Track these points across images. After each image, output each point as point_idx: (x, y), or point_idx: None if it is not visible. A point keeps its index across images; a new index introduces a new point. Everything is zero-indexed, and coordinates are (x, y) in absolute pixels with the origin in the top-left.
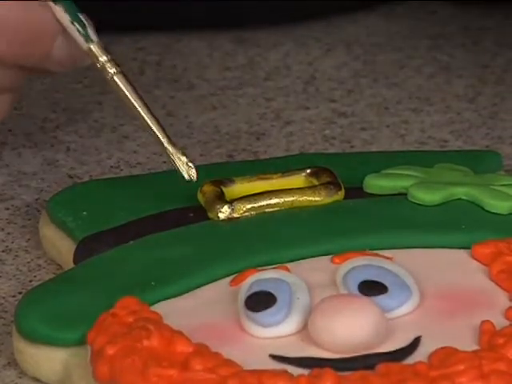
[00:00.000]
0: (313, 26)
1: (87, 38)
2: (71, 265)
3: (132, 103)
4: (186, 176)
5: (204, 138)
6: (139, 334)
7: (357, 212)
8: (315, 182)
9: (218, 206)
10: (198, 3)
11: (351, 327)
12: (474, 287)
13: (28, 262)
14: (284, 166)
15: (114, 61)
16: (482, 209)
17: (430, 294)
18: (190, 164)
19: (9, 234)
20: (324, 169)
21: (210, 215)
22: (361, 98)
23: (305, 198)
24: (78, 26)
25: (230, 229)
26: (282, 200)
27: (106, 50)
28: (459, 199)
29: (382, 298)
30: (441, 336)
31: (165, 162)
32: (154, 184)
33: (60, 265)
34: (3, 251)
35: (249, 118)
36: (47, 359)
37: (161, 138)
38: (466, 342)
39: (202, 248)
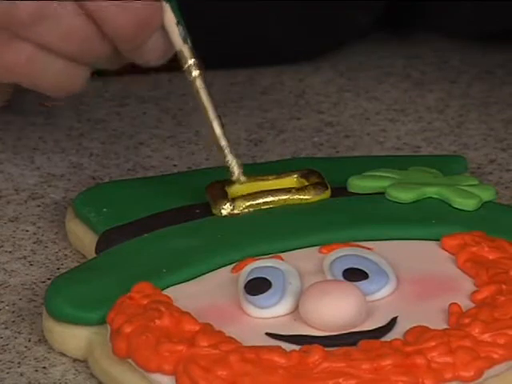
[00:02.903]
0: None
1: (185, 41)
2: (93, 255)
3: (204, 104)
4: (236, 174)
5: (209, 145)
6: (152, 314)
7: (341, 208)
8: (305, 183)
9: (221, 204)
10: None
11: (337, 308)
12: (444, 274)
13: (56, 252)
14: (278, 168)
15: (198, 65)
16: (450, 206)
17: (405, 279)
18: (239, 165)
19: (39, 227)
20: (313, 171)
21: (214, 211)
22: (345, 110)
23: (296, 196)
24: (181, 27)
25: (231, 223)
26: (277, 198)
27: (193, 54)
28: (430, 197)
29: (363, 283)
30: (415, 316)
31: (175, 166)
32: (166, 184)
33: (84, 254)
34: (34, 243)
35: (248, 127)
36: (72, 337)
37: (221, 139)
38: (437, 322)
39: (207, 240)
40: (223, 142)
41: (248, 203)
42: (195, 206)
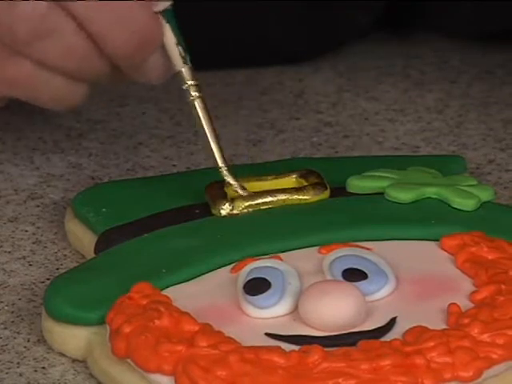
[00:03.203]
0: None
1: (185, 61)
2: (92, 255)
3: (203, 126)
4: (239, 191)
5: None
6: (152, 314)
7: (341, 209)
8: (304, 183)
9: (221, 204)
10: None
11: (336, 309)
12: (443, 274)
13: (55, 252)
14: (277, 168)
15: (198, 86)
16: (450, 206)
17: (405, 279)
18: (240, 184)
19: (39, 228)
20: (312, 171)
21: (213, 211)
22: (344, 110)
23: (295, 196)
24: (181, 48)
25: (230, 223)
26: (276, 198)
27: (194, 75)
28: (429, 198)
29: (362, 284)
30: (414, 316)
31: (174, 166)
32: (165, 185)
33: (83, 255)
34: (34, 243)
35: (247, 128)
36: (72, 337)
37: (218, 160)
38: (436, 322)
39: (206, 240)
40: (221, 164)
41: (247, 203)
42: (194, 206)
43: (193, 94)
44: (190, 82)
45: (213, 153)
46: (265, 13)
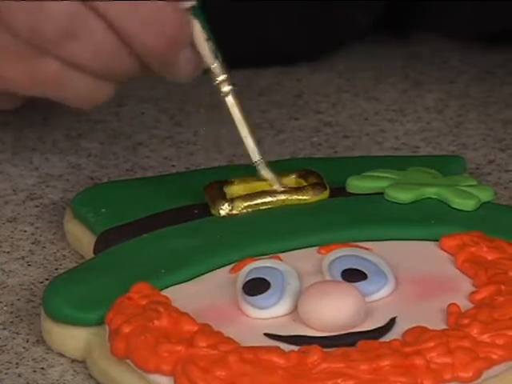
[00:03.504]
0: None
1: (216, 56)
2: (91, 255)
3: (236, 120)
4: (276, 186)
5: (207, 145)
6: (151, 314)
7: (340, 209)
8: (304, 183)
9: (220, 204)
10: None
11: (335, 309)
12: (443, 274)
13: (54, 253)
14: (277, 168)
15: (229, 80)
16: (449, 206)
17: (404, 280)
18: (276, 177)
19: (37, 228)
20: (311, 171)
21: (213, 212)
22: (343, 110)
23: (295, 196)
24: (211, 43)
25: (229, 224)
26: (275, 199)
27: (224, 70)
28: (429, 198)
29: (362, 284)
30: (413, 317)
31: (173, 166)
32: (164, 185)
33: (82, 255)
34: (33, 243)
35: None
36: (71, 337)
37: (253, 154)
38: (436, 322)
39: (206, 240)
40: (256, 158)
41: (246, 203)
42: (194, 207)
43: (225, 88)
44: (221, 77)
45: (247, 147)
46: (265, 13)
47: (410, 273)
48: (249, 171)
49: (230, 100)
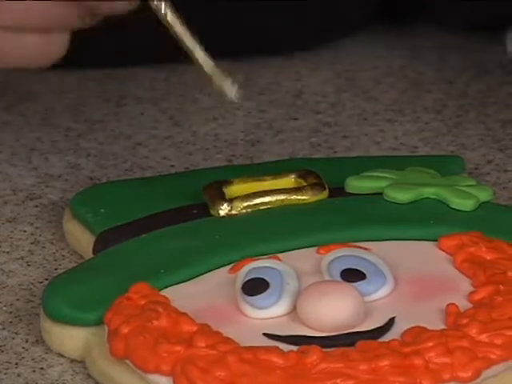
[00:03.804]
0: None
1: None
2: (91, 255)
3: (179, 33)
4: (231, 95)
5: (206, 145)
6: (150, 315)
7: (339, 209)
8: (303, 183)
9: (219, 204)
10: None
11: (334, 309)
12: (441, 274)
13: (53, 253)
14: (276, 169)
15: None
16: (448, 206)
17: (403, 280)
18: (234, 84)
19: (37, 228)
20: (311, 171)
21: (212, 212)
22: (343, 110)
23: (294, 197)
24: None
25: (229, 224)
26: (274, 199)
27: None
28: (428, 198)
29: (361, 284)
30: (412, 317)
31: (172, 166)
32: (163, 185)
33: (81, 255)
34: (32, 243)
35: (245, 128)
36: (70, 337)
37: (206, 65)
38: (435, 322)
39: (205, 240)
40: (209, 68)
41: (246, 204)
42: (193, 207)
43: (161, 3)
44: None
45: (198, 59)
46: (263, 7)
47: (408, 273)
48: (248, 171)
49: (169, 14)
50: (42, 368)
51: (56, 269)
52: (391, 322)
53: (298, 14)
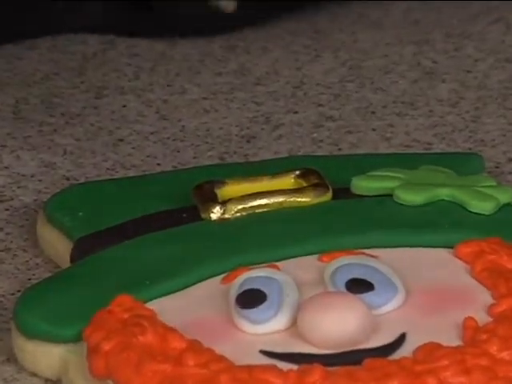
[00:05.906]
0: (301, 33)
1: None
2: (68, 264)
3: None
4: (229, 6)
5: (196, 141)
6: (134, 330)
7: (344, 212)
8: (304, 184)
9: (210, 207)
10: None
11: (339, 324)
12: (458, 285)
13: (26, 261)
14: (274, 167)
15: None
16: (465, 209)
17: (415, 291)
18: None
19: (8, 233)
20: (312, 171)
21: (203, 216)
22: (347, 103)
23: (294, 198)
24: None
25: (221, 229)
26: (272, 201)
27: None
28: (443, 200)
29: (368, 296)
30: (425, 332)
31: (159, 165)
32: (148, 185)
33: (57, 263)
34: (2, 250)
35: (239, 122)
36: (45, 355)
37: None
38: (450, 338)
39: (195, 247)
40: None
41: (240, 206)
42: (182, 210)
43: None
44: None
45: None
46: None
47: (421, 283)
48: (243, 170)
49: None
50: None
51: (29, 279)
52: (402, 337)
53: None
